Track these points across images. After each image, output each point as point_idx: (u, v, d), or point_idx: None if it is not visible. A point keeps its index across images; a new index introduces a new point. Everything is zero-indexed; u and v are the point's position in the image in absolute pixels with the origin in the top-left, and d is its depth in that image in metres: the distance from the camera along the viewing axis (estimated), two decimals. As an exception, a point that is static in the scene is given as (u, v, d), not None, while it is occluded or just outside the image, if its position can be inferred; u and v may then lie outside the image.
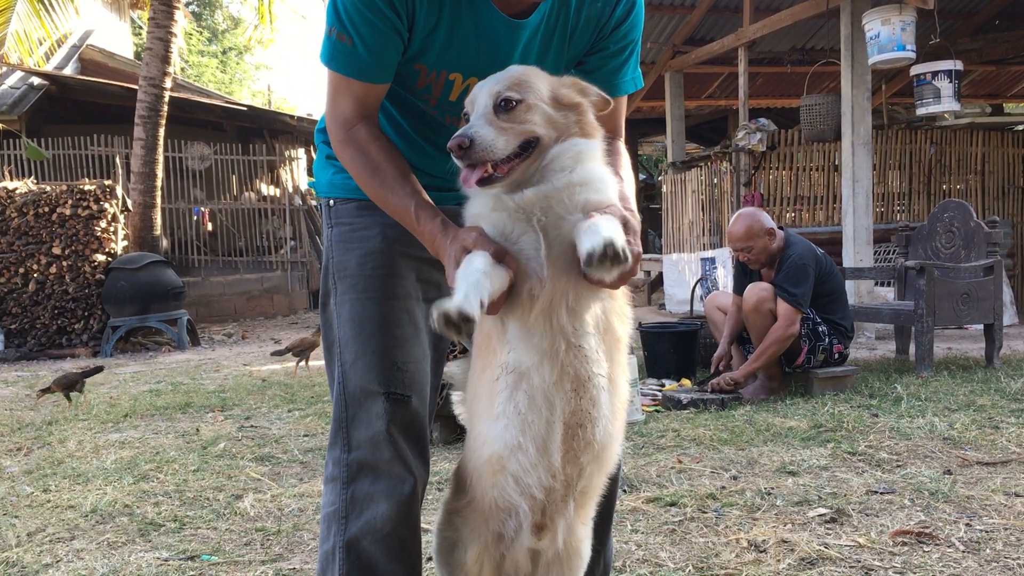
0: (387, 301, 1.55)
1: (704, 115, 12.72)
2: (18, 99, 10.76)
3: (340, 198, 1.61)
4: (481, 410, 1.40)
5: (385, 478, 1.50)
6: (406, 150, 1.58)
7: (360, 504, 1.49)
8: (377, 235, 1.56)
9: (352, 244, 1.58)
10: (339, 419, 1.53)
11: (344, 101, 1.48)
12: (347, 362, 1.54)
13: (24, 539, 2.53)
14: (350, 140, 1.48)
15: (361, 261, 1.57)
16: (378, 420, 1.50)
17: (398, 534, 1.49)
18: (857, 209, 6.57)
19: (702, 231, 8.65)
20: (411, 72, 1.51)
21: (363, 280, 1.56)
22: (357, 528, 1.48)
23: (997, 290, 5.05)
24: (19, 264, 7.80)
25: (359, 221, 1.58)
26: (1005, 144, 8.58)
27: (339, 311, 1.56)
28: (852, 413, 3.76)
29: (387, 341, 1.53)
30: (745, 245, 4.28)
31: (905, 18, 6.09)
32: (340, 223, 1.60)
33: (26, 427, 4.28)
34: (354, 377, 1.53)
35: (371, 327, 1.53)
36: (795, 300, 4.13)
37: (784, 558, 2.14)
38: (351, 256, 1.57)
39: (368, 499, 1.49)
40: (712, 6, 8.54)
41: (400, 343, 1.54)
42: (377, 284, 1.55)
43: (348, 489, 1.50)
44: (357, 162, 1.48)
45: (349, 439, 1.52)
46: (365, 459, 1.50)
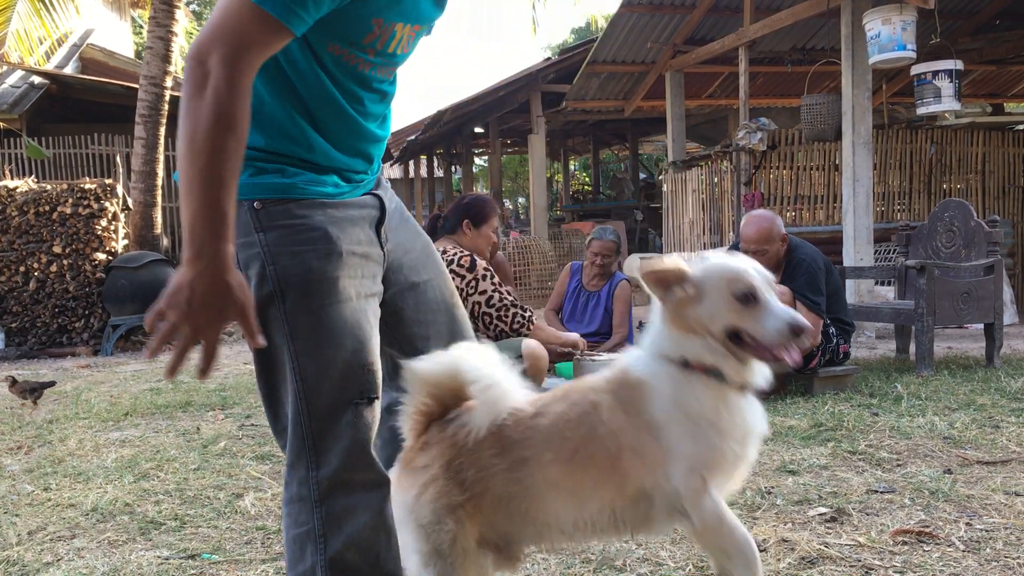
0: (347, 303, 1.47)
1: (704, 115, 12.72)
2: (19, 98, 10.76)
3: (269, 199, 1.44)
4: None
5: (360, 489, 1.46)
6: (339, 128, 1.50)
7: (339, 519, 1.44)
8: (324, 235, 1.45)
9: (299, 248, 1.44)
10: (301, 437, 1.44)
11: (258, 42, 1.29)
12: (310, 376, 1.44)
13: (25, 537, 2.53)
14: (232, 84, 1.26)
15: (314, 266, 1.44)
16: (347, 430, 1.45)
17: (378, 538, 1.48)
18: (857, 208, 6.57)
19: (703, 230, 8.65)
20: (366, 27, 1.42)
21: (318, 285, 1.44)
22: (340, 543, 1.44)
23: (997, 289, 5.05)
24: (20, 263, 7.80)
25: (299, 223, 1.45)
26: (1005, 144, 8.58)
27: (292, 324, 1.43)
28: (852, 412, 3.76)
29: (354, 346, 1.47)
30: (760, 249, 4.21)
31: (905, 18, 6.09)
32: (275, 226, 1.44)
33: (26, 426, 4.28)
34: (321, 390, 1.44)
35: (337, 334, 1.45)
36: (819, 308, 4.10)
37: (784, 557, 2.15)
38: (301, 261, 1.44)
39: (346, 513, 1.45)
40: (712, 6, 8.54)
41: (364, 344, 1.49)
42: (334, 288, 1.45)
43: (322, 507, 1.44)
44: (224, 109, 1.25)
45: (317, 454, 1.44)
46: (337, 474, 1.44)
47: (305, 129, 1.47)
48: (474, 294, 3.53)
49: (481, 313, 3.55)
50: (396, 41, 1.48)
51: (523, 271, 10.38)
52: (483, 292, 3.53)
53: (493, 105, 12.88)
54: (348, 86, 1.49)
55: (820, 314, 4.12)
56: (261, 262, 1.44)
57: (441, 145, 17.37)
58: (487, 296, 3.54)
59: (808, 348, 4.15)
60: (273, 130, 1.46)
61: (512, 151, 20.57)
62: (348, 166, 1.55)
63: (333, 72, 1.46)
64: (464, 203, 3.81)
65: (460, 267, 3.54)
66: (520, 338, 3.59)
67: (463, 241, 3.71)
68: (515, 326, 3.58)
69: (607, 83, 10.33)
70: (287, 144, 1.47)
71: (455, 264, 3.55)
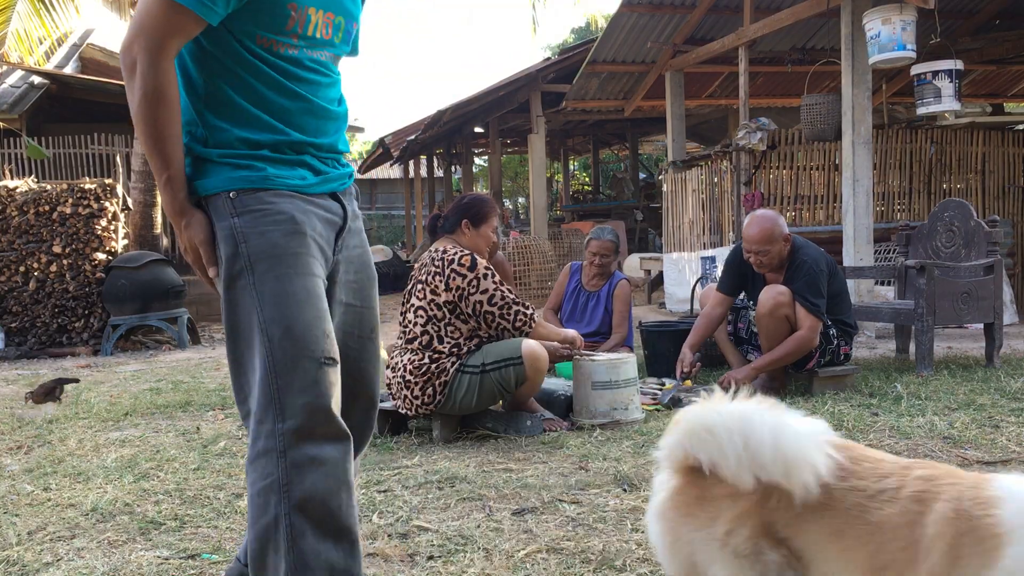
0: (310, 277, 1.66)
1: (704, 114, 12.72)
2: (18, 98, 10.76)
3: (243, 189, 1.65)
4: None
5: (322, 440, 1.58)
6: (292, 106, 1.70)
7: (302, 469, 1.55)
8: (291, 218, 1.66)
9: (267, 228, 1.64)
10: (268, 392, 1.58)
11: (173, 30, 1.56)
12: (276, 336, 1.60)
13: (24, 537, 2.53)
14: (154, 66, 1.56)
15: (280, 242, 1.64)
16: (310, 386, 1.59)
17: (336, 494, 1.59)
18: (857, 208, 6.57)
19: (702, 230, 8.65)
20: (283, 12, 1.63)
21: (286, 258, 1.64)
22: (303, 492, 1.55)
23: (997, 289, 5.05)
24: (19, 262, 7.79)
25: (269, 207, 1.65)
26: (1005, 143, 8.57)
27: (261, 290, 1.62)
28: (852, 412, 3.77)
29: (315, 313, 1.64)
30: (761, 249, 4.22)
31: (905, 18, 6.09)
32: (247, 211, 1.64)
33: (26, 425, 4.28)
34: (285, 348, 1.59)
35: (299, 300, 1.63)
36: (819, 311, 4.10)
37: (784, 557, 2.14)
38: (268, 238, 1.64)
39: (310, 462, 1.56)
40: (712, 6, 8.54)
41: (323, 314, 1.66)
42: (299, 261, 1.65)
43: (286, 457, 1.56)
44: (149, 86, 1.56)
45: (283, 408, 1.58)
46: (301, 426, 1.57)
47: (264, 114, 1.68)
48: (476, 293, 3.53)
49: (483, 312, 3.55)
50: (313, 25, 1.67)
51: (523, 271, 10.38)
52: (485, 291, 3.53)
53: (493, 105, 12.87)
54: (287, 68, 1.69)
55: (819, 316, 4.11)
56: (234, 242, 1.64)
57: (441, 145, 17.37)
58: (489, 295, 3.54)
59: (809, 349, 4.15)
60: (243, 119, 1.67)
61: (512, 151, 20.57)
62: (314, 146, 1.75)
63: (269, 60, 1.67)
64: (463, 203, 3.81)
65: (461, 266, 3.54)
66: (518, 338, 3.59)
67: (462, 241, 3.71)
68: (518, 324, 3.58)
69: (607, 83, 10.33)
70: (257, 131, 1.67)
71: (456, 263, 3.55)
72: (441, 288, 3.55)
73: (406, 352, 3.64)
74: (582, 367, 3.84)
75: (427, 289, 3.60)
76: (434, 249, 3.70)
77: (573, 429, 3.73)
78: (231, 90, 1.66)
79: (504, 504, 2.68)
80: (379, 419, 3.79)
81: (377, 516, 2.60)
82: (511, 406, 3.77)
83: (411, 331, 3.64)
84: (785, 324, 4.12)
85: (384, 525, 2.51)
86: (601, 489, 2.79)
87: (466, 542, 2.32)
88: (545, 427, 3.71)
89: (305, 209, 1.69)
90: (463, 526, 2.46)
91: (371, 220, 24.53)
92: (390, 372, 3.70)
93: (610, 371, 3.77)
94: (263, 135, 1.68)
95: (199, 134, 1.68)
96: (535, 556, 2.21)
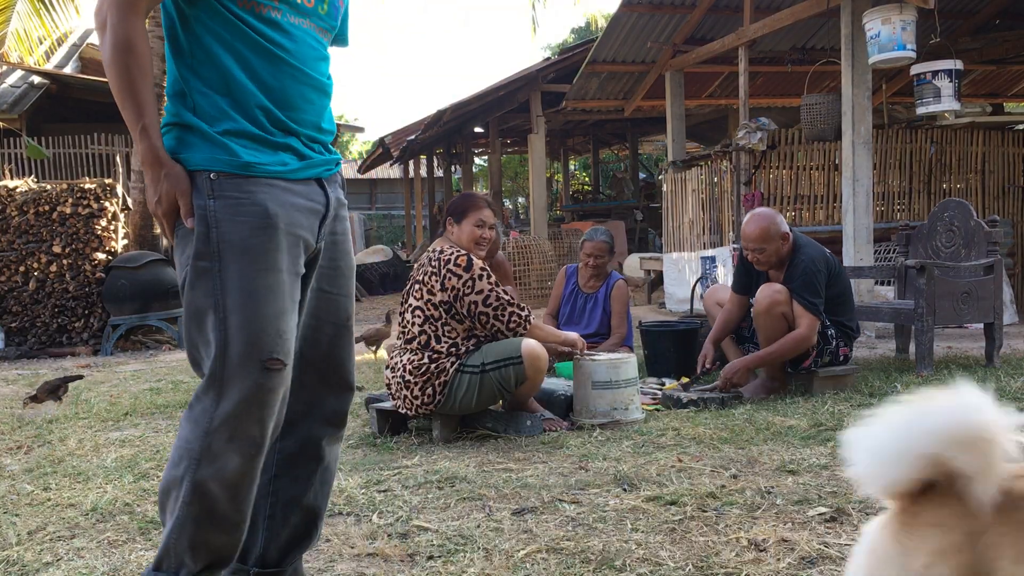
0: (274, 273, 1.69)
1: (704, 114, 12.72)
2: (18, 98, 10.77)
3: (224, 172, 1.68)
4: None
5: (242, 437, 1.66)
6: (275, 73, 1.71)
7: (215, 454, 1.65)
8: (265, 211, 1.68)
9: (240, 217, 1.67)
10: (215, 374, 1.66)
11: None
12: (233, 326, 1.65)
13: (24, 537, 2.53)
14: (122, 19, 1.62)
15: (250, 234, 1.67)
16: (253, 386, 1.65)
17: (242, 482, 1.68)
18: (857, 208, 6.57)
19: (702, 230, 8.65)
20: None
21: (252, 252, 1.67)
22: (207, 473, 1.64)
23: (997, 289, 5.05)
24: (19, 262, 7.79)
25: (246, 196, 1.68)
26: (1005, 143, 8.57)
27: (224, 279, 1.66)
28: (852, 412, 3.77)
29: (274, 312, 1.68)
30: (758, 247, 4.23)
31: (905, 17, 6.09)
32: (224, 196, 1.67)
33: (26, 425, 4.28)
34: (239, 341, 1.65)
35: (260, 297, 1.67)
36: (816, 309, 4.11)
37: (784, 557, 2.15)
38: (240, 228, 1.67)
39: (223, 452, 1.65)
40: (712, 6, 8.54)
41: (282, 313, 1.70)
42: (265, 257, 1.68)
43: (208, 438, 1.65)
44: (119, 38, 1.61)
45: (221, 395, 1.65)
46: (230, 417, 1.64)
47: (247, 79, 1.70)
48: (470, 293, 3.53)
49: (478, 312, 3.55)
50: None
51: (523, 271, 10.38)
52: (480, 292, 3.53)
53: (493, 105, 12.88)
54: (269, 32, 1.70)
55: (817, 314, 4.12)
56: (206, 225, 1.67)
57: (441, 145, 17.37)
58: (484, 296, 3.54)
59: (805, 348, 4.16)
60: (225, 84, 1.69)
61: (512, 151, 20.57)
62: (298, 121, 1.75)
63: (251, 22, 1.69)
64: (448, 204, 3.88)
65: (457, 267, 3.54)
66: (518, 338, 3.59)
67: (451, 239, 3.73)
68: (511, 325, 3.58)
69: (607, 83, 10.33)
70: (240, 97, 1.69)
71: (452, 264, 3.55)
72: (437, 288, 3.56)
73: (405, 352, 3.64)
74: (582, 367, 3.84)
75: (424, 289, 3.60)
76: (431, 249, 3.71)
77: (573, 429, 3.73)
78: (215, 53, 1.68)
79: (504, 504, 2.68)
80: (379, 419, 3.81)
81: (377, 516, 2.60)
82: (511, 406, 3.77)
83: (409, 331, 3.65)
84: (782, 322, 4.13)
85: (384, 525, 2.51)
86: (601, 489, 2.79)
87: (466, 542, 2.32)
88: (545, 427, 3.71)
89: (283, 200, 1.71)
90: (463, 526, 2.46)
91: (371, 220, 24.52)
92: (389, 372, 3.71)
93: (610, 371, 3.77)
94: (247, 102, 1.69)
95: (188, 103, 1.70)
96: (535, 556, 2.21)
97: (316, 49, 1.80)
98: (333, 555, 2.29)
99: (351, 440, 3.73)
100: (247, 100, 1.69)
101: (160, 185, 1.66)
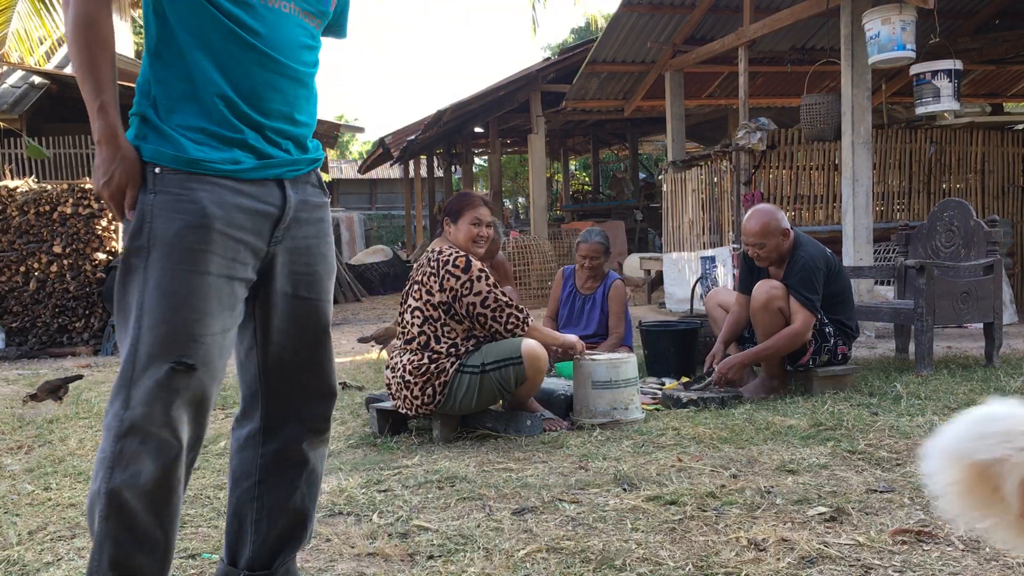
0: (198, 275, 1.63)
1: (704, 114, 12.72)
2: (19, 98, 10.77)
3: (168, 167, 1.63)
4: None
5: (154, 440, 1.59)
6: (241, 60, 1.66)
7: (127, 459, 1.58)
8: (201, 210, 1.63)
9: (175, 214, 1.62)
10: (125, 376, 1.61)
11: None
12: (145, 326, 1.61)
13: (25, 537, 2.53)
14: (95, 1, 1.61)
15: (181, 232, 1.62)
16: (158, 387, 1.59)
17: (159, 492, 1.60)
18: (857, 208, 6.57)
19: (702, 230, 8.65)
20: None
21: (179, 251, 1.62)
22: (120, 480, 1.58)
23: (997, 289, 5.06)
24: (20, 263, 7.80)
25: (185, 193, 1.63)
26: (1005, 143, 8.57)
27: (147, 276, 1.62)
28: (852, 412, 3.77)
29: (189, 314, 1.62)
30: (758, 242, 4.26)
31: (905, 17, 6.09)
32: (165, 191, 1.63)
33: (27, 425, 4.28)
34: (148, 342, 1.60)
35: (177, 298, 1.61)
36: (812, 305, 4.12)
37: (784, 556, 2.15)
38: (172, 225, 1.62)
39: (135, 456, 1.58)
40: (712, 6, 8.55)
41: (202, 316, 1.63)
42: (192, 257, 1.62)
43: (119, 443, 1.59)
44: (79, 13, 1.60)
45: (129, 397, 1.60)
46: (138, 420, 1.58)
47: (209, 63, 1.64)
48: (469, 295, 3.53)
49: (476, 313, 3.55)
50: None
51: (523, 271, 10.38)
52: (478, 293, 3.54)
53: (493, 105, 12.88)
54: (237, 13, 1.64)
55: (813, 311, 4.13)
56: (142, 219, 1.63)
57: (441, 145, 17.37)
58: (482, 297, 3.54)
59: (800, 343, 4.16)
60: (185, 68, 1.64)
61: (512, 151, 20.57)
62: (262, 112, 1.69)
63: (222, 4, 1.63)
64: (444, 205, 3.89)
65: (455, 267, 3.55)
66: (518, 338, 3.59)
67: (449, 239, 3.74)
68: (510, 327, 3.58)
69: (607, 83, 10.33)
70: (200, 82, 1.63)
71: (451, 264, 3.56)
72: (436, 289, 3.56)
73: (405, 352, 3.65)
74: (582, 367, 3.84)
75: (423, 290, 3.60)
76: (430, 250, 3.71)
77: (573, 429, 3.74)
78: (180, 39, 1.63)
79: (504, 504, 2.68)
80: (379, 419, 3.81)
81: (377, 516, 2.60)
82: (511, 406, 3.77)
83: (409, 331, 3.65)
84: (779, 317, 4.15)
85: (384, 525, 2.51)
86: (601, 489, 2.80)
87: (466, 541, 2.33)
88: (545, 427, 3.71)
89: (225, 200, 1.65)
90: (463, 526, 2.47)
91: (371, 220, 24.52)
92: (389, 372, 3.71)
93: (610, 371, 3.77)
94: (206, 91, 1.64)
95: (149, 95, 1.66)
96: (535, 556, 2.22)
97: (297, 35, 1.72)
98: (333, 555, 2.30)
99: (351, 440, 3.73)
100: (207, 89, 1.64)
101: (112, 166, 1.62)
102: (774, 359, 4.26)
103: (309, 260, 1.82)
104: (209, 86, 1.64)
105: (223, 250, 1.65)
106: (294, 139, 1.77)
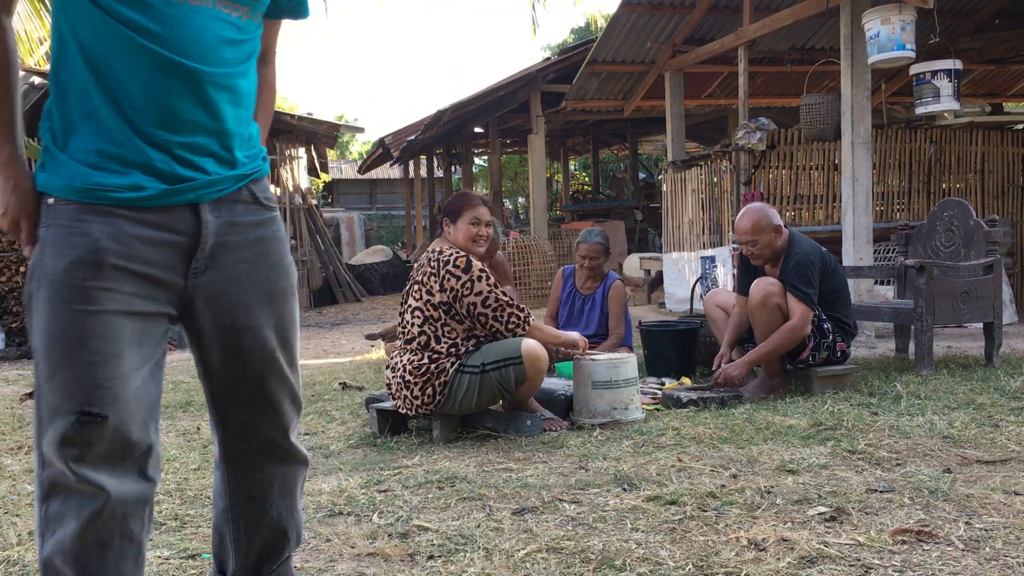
0: (90, 315, 1.45)
1: (704, 114, 12.73)
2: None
3: (60, 198, 1.47)
4: None
5: (75, 496, 1.46)
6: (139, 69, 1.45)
7: (52, 523, 1.47)
8: (93, 243, 1.45)
9: (64, 248, 1.45)
10: (37, 434, 1.48)
11: None
12: (42, 375, 1.46)
13: (25, 538, 2.53)
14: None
15: (69, 268, 1.45)
16: (66, 442, 1.44)
17: (85, 554, 1.46)
18: (857, 208, 6.57)
19: (702, 230, 8.65)
20: None
21: (67, 289, 1.45)
22: (50, 548, 1.47)
23: (997, 289, 5.06)
24: (20, 263, 7.81)
25: (77, 226, 1.45)
26: (1005, 143, 8.58)
27: (38, 319, 1.47)
28: (852, 411, 3.77)
29: (88, 357, 1.44)
30: (750, 239, 4.28)
31: (905, 17, 6.09)
32: (57, 224, 1.47)
33: (27, 425, 4.28)
34: (48, 393, 1.45)
35: (70, 342, 1.44)
36: (809, 299, 4.13)
37: (784, 556, 2.15)
38: (60, 261, 1.45)
39: (58, 518, 1.46)
40: (712, 6, 8.55)
41: (104, 359, 1.45)
42: (83, 296, 1.44)
43: (44, 506, 1.48)
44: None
45: (42, 457, 1.47)
46: (54, 478, 1.46)
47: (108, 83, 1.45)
48: (469, 295, 3.53)
49: (477, 313, 3.55)
50: None
51: (523, 271, 10.39)
52: (479, 293, 3.54)
53: (493, 105, 12.88)
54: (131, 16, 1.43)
55: (810, 305, 4.14)
56: (36, 254, 1.49)
57: (441, 145, 17.37)
58: (483, 297, 3.54)
59: (800, 338, 4.16)
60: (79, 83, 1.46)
61: (512, 151, 20.57)
62: (173, 128, 1.48)
63: (110, 5, 1.43)
64: (443, 205, 3.89)
65: (456, 268, 3.55)
66: (518, 338, 3.59)
67: (448, 239, 3.74)
68: (510, 326, 3.58)
69: (607, 83, 10.34)
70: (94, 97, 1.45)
71: (451, 265, 3.56)
72: (436, 289, 3.56)
73: (405, 352, 3.65)
74: (582, 367, 3.84)
75: (423, 290, 3.61)
76: (431, 250, 3.71)
77: (573, 429, 3.74)
78: (72, 53, 1.46)
79: (504, 504, 2.68)
80: (379, 419, 3.81)
81: (377, 516, 2.60)
82: (511, 406, 3.77)
83: (409, 331, 3.65)
84: (777, 314, 4.16)
85: (384, 525, 2.51)
86: (601, 489, 2.80)
87: (466, 542, 2.33)
88: (545, 427, 3.71)
89: (122, 232, 1.46)
90: (463, 526, 2.47)
91: (371, 220, 24.52)
92: (389, 372, 3.71)
93: (610, 371, 3.77)
94: (102, 109, 1.45)
95: (50, 119, 1.52)
96: (535, 556, 2.22)
97: (214, 29, 1.49)
98: (333, 555, 2.30)
99: (351, 440, 3.74)
100: (105, 106, 1.45)
101: (5, 197, 1.48)
102: (775, 358, 4.27)
103: (245, 287, 1.62)
104: (107, 102, 1.45)
105: (121, 286, 1.47)
106: (214, 155, 1.54)
